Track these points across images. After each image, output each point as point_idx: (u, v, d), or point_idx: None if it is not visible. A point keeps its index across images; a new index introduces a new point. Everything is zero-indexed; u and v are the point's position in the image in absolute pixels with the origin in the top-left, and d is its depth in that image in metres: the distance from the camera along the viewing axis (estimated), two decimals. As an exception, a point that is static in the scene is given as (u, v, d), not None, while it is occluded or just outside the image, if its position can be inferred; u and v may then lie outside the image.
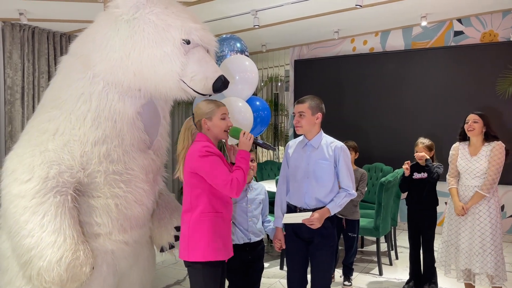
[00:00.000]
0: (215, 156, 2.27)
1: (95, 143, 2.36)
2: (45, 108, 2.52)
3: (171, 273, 4.24)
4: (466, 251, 3.20)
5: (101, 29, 2.42)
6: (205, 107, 2.39)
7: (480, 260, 3.12)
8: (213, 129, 2.38)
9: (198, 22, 2.47)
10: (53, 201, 2.23)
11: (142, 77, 2.35)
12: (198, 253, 2.28)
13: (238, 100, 3.77)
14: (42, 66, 5.16)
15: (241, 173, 2.28)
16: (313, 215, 2.55)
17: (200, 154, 2.25)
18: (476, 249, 3.15)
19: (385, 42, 6.23)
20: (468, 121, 3.25)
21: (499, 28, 5.48)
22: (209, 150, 2.27)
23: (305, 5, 4.79)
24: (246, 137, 2.36)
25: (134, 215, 2.55)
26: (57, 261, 2.14)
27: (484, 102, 5.34)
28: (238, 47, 3.92)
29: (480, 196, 3.15)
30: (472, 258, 3.16)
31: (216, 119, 2.38)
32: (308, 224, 2.56)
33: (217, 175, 2.23)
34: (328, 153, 2.63)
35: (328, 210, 2.60)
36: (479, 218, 3.16)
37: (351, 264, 4.00)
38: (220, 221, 2.34)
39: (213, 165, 2.24)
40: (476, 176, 3.19)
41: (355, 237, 3.99)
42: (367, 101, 6.24)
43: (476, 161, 3.20)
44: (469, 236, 3.20)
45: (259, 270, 2.86)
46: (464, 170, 3.26)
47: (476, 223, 3.17)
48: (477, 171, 3.19)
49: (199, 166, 2.25)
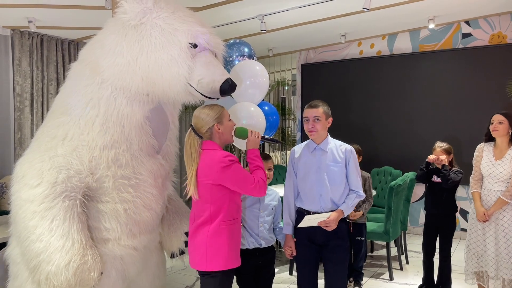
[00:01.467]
0: (237, 163, 2.28)
1: (103, 148, 2.36)
2: (54, 114, 2.54)
3: (180, 279, 4.23)
4: (493, 257, 3.12)
5: (109, 35, 2.43)
6: (213, 112, 2.36)
7: (507, 266, 3.04)
8: (225, 132, 2.37)
9: (205, 26, 2.47)
10: (62, 206, 2.23)
11: (150, 81, 2.36)
12: (220, 262, 2.27)
13: (251, 104, 3.79)
14: (50, 73, 5.21)
15: (261, 172, 2.34)
16: (329, 216, 2.57)
17: (223, 165, 2.23)
18: (502, 255, 3.07)
19: (392, 45, 6.21)
20: (493, 122, 3.15)
21: (507, 30, 5.43)
22: (231, 158, 2.26)
23: (311, 9, 4.79)
24: (254, 135, 2.41)
25: (143, 220, 2.54)
26: (65, 266, 2.13)
27: (495, 105, 5.27)
28: (246, 52, 3.93)
29: (503, 203, 3.06)
30: (499, 264, 3.09)
31: (226, 121, 2.39)
32: (323, 226, 2.57)
33: (245, 181, 2.27)
34: (339, 156, 2.67)
35: (342, 212, 2.63)
36: (504, 224, 3.08)
37: (360, 268, 3.98)
38: (237, 227, 2.36)
39: (239, 173, 2.27)
40: (500, 181, 3.10)
41: (363, 240, 4.02)
42: (374, 104, 6.21)
43: (500, 165, 3.11)
44: (494, 242, 3.12)
45: (270, 276, 2.84)
46: (488, 173, 3.17)
47: (500, 229, 3.09)
48: (501, 175, 3.10)
49: (226, 178, 2.24)
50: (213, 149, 2.32)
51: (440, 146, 3.59)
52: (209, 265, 2.28)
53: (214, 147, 2.33)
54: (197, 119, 2.38)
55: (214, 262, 2.27)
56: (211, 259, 2.27)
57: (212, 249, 2.27)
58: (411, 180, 4.57)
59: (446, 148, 3.58)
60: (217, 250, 2.27)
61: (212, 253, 2.27)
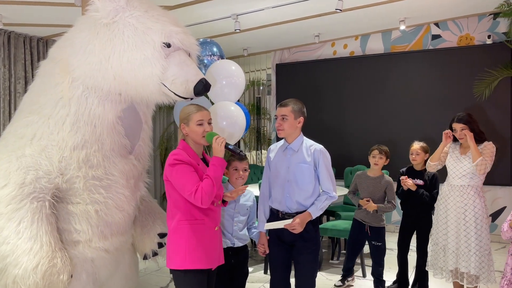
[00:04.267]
0: (184, 165, 2.20)
1: (74, 148, 2.32)
2: (23, 114, 2.48)
3: (153, 280, 4.18)
4: (453, 251, 3.22)
5: (80, 33, 2.39)
6: (182, 112, 2.34)
7: (465, 260, 3.15)
8: (190, 134, 2.31)
9: (179, 26, 2.45)
10: (30, 207, 2.18)
11: (122, 80, 2.33)
12: (177, 261, 2.24)
13: (231, 104, 3.79)
14: (18, 72, 5.06)
15: (207, 182, 2.15)
16: (294, 220, 2.53)
17: (170, 162, 2.21)
18: (462, 248, 3.17)
19: (365, 46, 6.31)
20: (456, 130, 3.24)
21: (475, 32, 5.61)
22: (177, 158, 2.20)
23: (285, 10, 4.83)
24: (217, 142, 2.24)
25: (114, 221, 2.51)
26: (33, 269, 2.09)
27: (463, 105, 5.45)
28: (215, 51, 3.94)
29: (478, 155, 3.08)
30: (459, 258, 3.19)
31: (192, 125, 2.29)
32: (290, 229, 2.55)
33: (183, 184, 2.16)
34: (308, 156, 2.62)
35: (310, 214, 2.58)
36: (465, 218, 3.18)
37: (380, 276, 3.70)
38: (201, 229, 2.27)
39: (179, 174, 2.18)
40: (463, 175, 3.20)
41: (381, 246, 3.67)
42: (348, 104, 6.31)
43: (465, 159, 3.22)
44: (455, 236, 3.22)
45: (244, 275, 2.84)
46: (452, 167, 3.28)
47: (461, 223, 3.19)
48: (464, 169, 3.20)
49: (169, 175, 2.22)
50: (178, 147, 2.31)
51: (418, 143, 3.71)
52: (169, 262, 2.26)
53: (179, 146, 2.32)
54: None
55: (173, 260, 2.24)
56: (172, 256, 2.25)
57: (172, 246, 2.25)
58: (383, 178, 4.65)
59: (424, 146, 3.69)
60: (176, 248, 2.24)
61: (172, 251, 2.25)
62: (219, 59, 4.12)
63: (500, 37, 5.45)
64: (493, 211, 5.51)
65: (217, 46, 4.02)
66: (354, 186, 3.85)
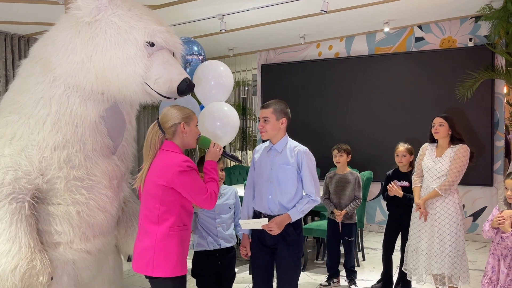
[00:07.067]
0: (195, 171, 2.23)
1: (55, 148, 2.28)
2: (2, 113, 2.44)
3: (138, 281, 4.15)
4: (426, 253, 3.26)
5: (62, 31, 2.35)
6: (182, 111, 2.31)
7: (438, 261, 3.17)
8: (189, 134, 2.31)
9: (162, 25, 2.43)
10: (9, 208, 2.14)
11: (105, 80, 2.30)
12: (167, 269, 2.18)
13: (224, 104, 3.80)
14: (-1, 70, 4.96)
15: (215, 185, 2.31)
16: (272, 221, 2.51)
17: (181, 169, 2.17)
18: (434, 250, 3.20)
19: (349, 47, 6.36)
20: (434, 125, 3.31)
21: (457, 35, 5.70)
22: (190, 165, 2.20)
23: (271, 10, 4.83)
24: (216, 148, 2.39)
25: (97, 222, 2.47)
26: (11, 271, 2.05)
27: (445, 106, 5.53)
28: (195, 51, 3.94)
29: (436, 194, 3.20)
30: (431, 259, 3.22)
31: (193, 125, 2.34)
32: (267, 230, 2.53)
33: (198, 191, 2.21)
34: (291, 157, 2.59)
35: (289, 216, 2.55)
36: (437, 219, 3.22)
37: (353, 267, 4.04)
38: (187, 234, 2.30)
39: (194, 181, 2.21)
40: (438, 177, 3.25)
41: (353, 241, 4.05)
42: (333, 105, 6.35)
43: (439, 161, 3.26)
44: (428, 238, 3.25)
45: (230, 278, 2.82)
46: (427, 169, 3.32)
47: (434, 225, 3.23)
48: (439, 171, 3.25)
49: (180, 183, 2.17)
50: (173, 151, 2.26)
51: (403, 145, 3.78)
52: (155, 270, 2.18)
53: (174, 149, 2.27)
54: (165, 114, 2.33)
55: (161, 268, 2.17)
56: (158, 264, 2.18)
57: (161, 254, 2.18)
58: (367, 179, 4.70)
59: (409, 148, 3.76)
60: (166, 256, 2.18)
61: (160, 258, 2.18)
62: (200, 57, 4.11)
63: (481, 40, 5.55)
64: (473, 211, 5.61)
65: (198, 45, 4.00)
66: (327, 188, 4.10)
